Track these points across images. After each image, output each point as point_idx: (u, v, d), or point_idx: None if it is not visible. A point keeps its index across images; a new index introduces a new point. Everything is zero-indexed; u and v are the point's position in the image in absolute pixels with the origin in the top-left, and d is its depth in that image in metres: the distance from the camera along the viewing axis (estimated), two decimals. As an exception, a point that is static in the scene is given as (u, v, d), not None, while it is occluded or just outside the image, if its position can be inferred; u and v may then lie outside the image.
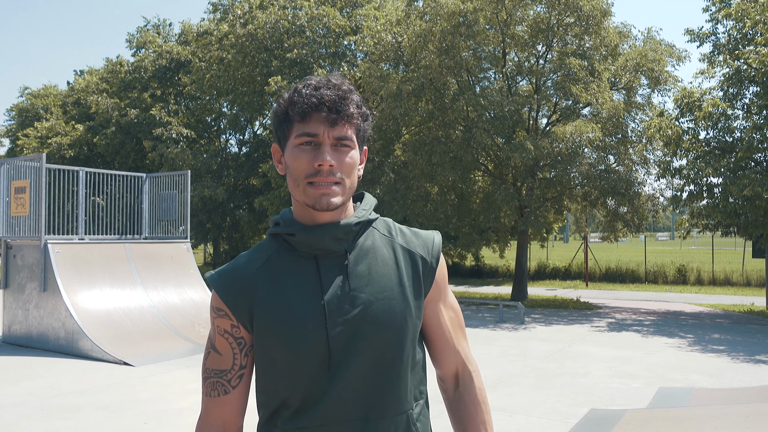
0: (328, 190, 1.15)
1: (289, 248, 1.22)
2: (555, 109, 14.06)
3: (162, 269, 9.38)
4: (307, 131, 1.16)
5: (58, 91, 28.92)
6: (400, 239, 1.28)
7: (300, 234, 1.19)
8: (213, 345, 1.23)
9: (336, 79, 1.20)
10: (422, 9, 14.05)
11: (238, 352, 1.21)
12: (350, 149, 1.19)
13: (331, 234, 1.19)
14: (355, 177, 1.22)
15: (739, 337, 9.45)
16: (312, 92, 1.16)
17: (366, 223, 1.26)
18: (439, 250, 1.30)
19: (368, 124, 1.25)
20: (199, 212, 17.66)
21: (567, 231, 61.91)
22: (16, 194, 8.74)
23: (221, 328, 1.21)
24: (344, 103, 1.17)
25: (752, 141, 10.59)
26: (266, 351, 1.18)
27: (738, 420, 4.04)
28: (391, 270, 1.22)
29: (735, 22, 11.74)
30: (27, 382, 6.36)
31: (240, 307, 1.19)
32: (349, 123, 1.18)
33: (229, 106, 20.16)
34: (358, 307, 1.17)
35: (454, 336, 1.32)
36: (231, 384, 1.22)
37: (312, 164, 1.15)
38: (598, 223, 15.58)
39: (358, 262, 1.21)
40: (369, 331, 1.17)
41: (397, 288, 1.21)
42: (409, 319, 1.21)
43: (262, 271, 1.21)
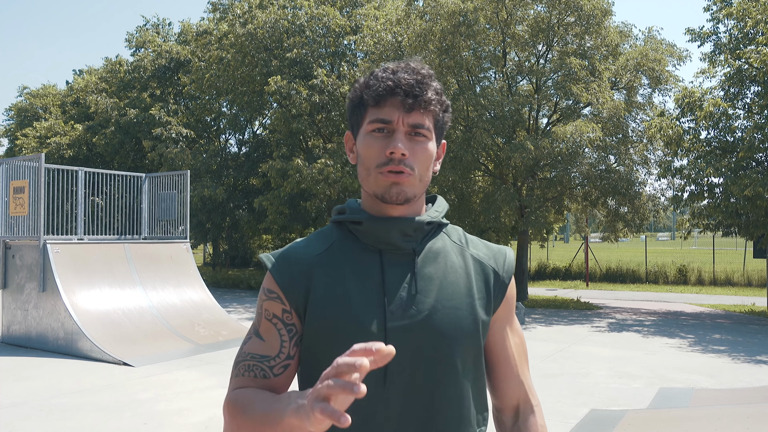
0: (399, 179, 1.07)
1: (352, 238, 1.13)
2: (555, 109, 14.04)
3: (161, 269, 9.36)
4: (381, 117, 1.08)
5: (57, 91, 28.89)
6: (472, 249, 1.19)
7: (367, 223, 1.11)
8: (256, 330, 1.12)
9: (415, 64, 1.12)
10: (422, 8, 14.03)
11: (287, 340, 1.10)
12: (426, 140, 1.10)
13: (400, 228, 1.10)
14: (430, 172, 1.13)
15: (740, 338, 9.43)
16: (388, 75, 1.08)
17: (437, 225, 1.17)
18: (512, 267, 1.20)
19: (448, 115, 1.16)
20: (199, 212, 17.64)
21: (567, 231, 61.91)
22: (14, 194, 8.72)
23: (270, 312, 1.11)
24: (422, 88, 1.08)
25: (753, 141, 10.57)
26: (313, 345, 1.09)
27: (739, 420, 4.02)
28: (461, 278, 1.13)
29: (736, 21, 11.72)
30: (26, 383, 6.34)
31: (295, 291, 1.09)
32: (426, 110, 1.09)
33: (229, 105, 20.14)
34: (422, 312, 1.07)
35: (519, 365, 1.20)
36: (273, 371, 1.09)
37: (383, 152, 1.07)
38: (599, 223, 15.57)
39: (426, 264, 1.12)
40: (432, 340, 1.06)
41: (465, 298, 1.11)
42: (475, 335, 1.10)
43: (322, 257, 1.12)
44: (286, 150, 17.09)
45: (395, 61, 1.13)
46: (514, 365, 1.19)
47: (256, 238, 23.56)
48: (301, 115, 16.28)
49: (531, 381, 1.22)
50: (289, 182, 14.57)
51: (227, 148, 21.54)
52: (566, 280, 21.12)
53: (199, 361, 7.39)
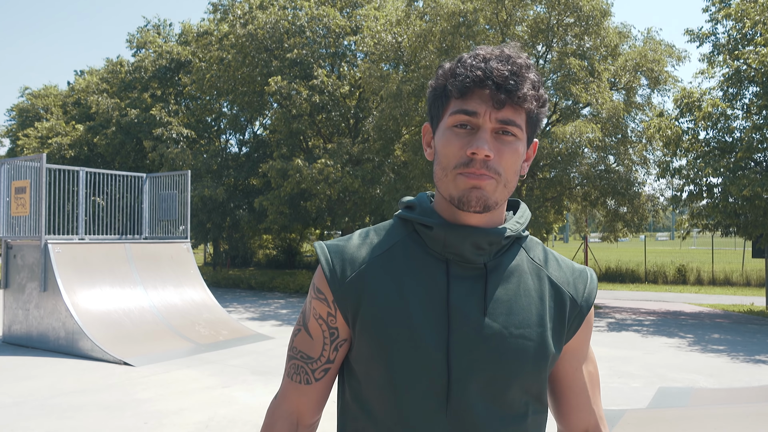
0: (480, 182, 0.93)
1: (418, 241, 1.01)
2: (555, 109, 14.07)
3: (162, 269, 9.39)
4: (465, 108, 0.94)
5: (58, 92, 28.92)
6: (551, 270, 1.05)
7: (438, 229, 0.98)
8: (305, 324, 1.06)
9: (511, 50, 0.97)
10: (422, 9, 14.06)
11: (329, 344, 1.03)
12: (516, 140, 0.96)
13: (473, 239, 0.97)
14: (516, 177, 0.99)
15: (739, 337, 9.45)
16: (478, 63, 0.94)
17: (515, 239, 1.04)
18: (593, 294, 1.06)
19: (544, 111, 1.01)
20: (199, 212, 17.66)
21: (567, 231, 61.91)
22: (16, 194, 8.75)
23: (317, 311, 1.03)
24: (518, 81, 0.93)
25: (752, 141, 10.60)
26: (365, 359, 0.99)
27: (738, 420, 4.04)
28: (534, 304, 1.00)
29: (735, 22, 11.75)
30: (27, 382, 6.37)
31: (346, 295, 0.99)
32: (519, 106, 0.95)
33: (229, 106, 20.16)
34: (488, 337, 0.95)
35: (592, 394, 1.10)
36: (314, 375, 1.04)
37: (464, 150, 0.94)
38: (598, 223, 15.59)
39: (498, 283, 0.99)
40: (494, 368, 0.96)
41: (536, 327, 0.99)
42: (542, 368, 1.00)
43: (381, 259, 1.00)
44: (287, 150, 17.11)
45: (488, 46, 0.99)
46: (586, 395, 1.09)
47: (257, 238, 23.56)
48: (301, 115, 16.30)
49: (602, 410, 1.13)
50: (289, 182, 14.59)
51: (228, 149, 21.56)
52: (566, 280, 21.12)
53: (199, 361, 7.42)
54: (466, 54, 0.98)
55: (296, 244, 25.13)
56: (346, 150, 15.12)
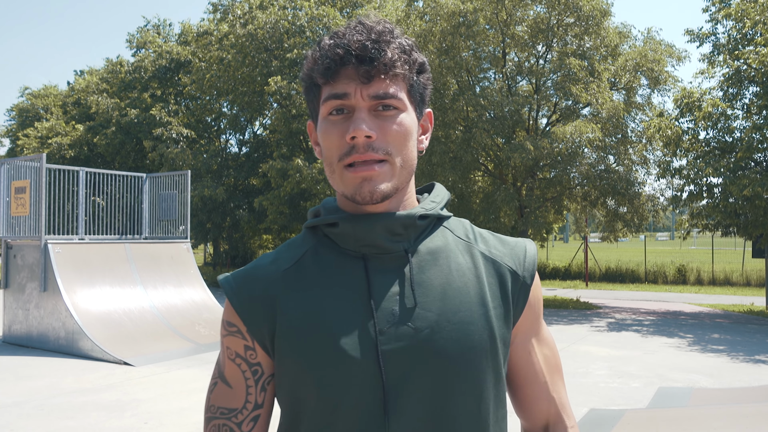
0: (369, 171, 0.83)
1: (329, 245, 0.91)
2: (555, 110, 14.07)
3: (162, 269, 9.39)
4: (334, 92, 0.84)
5: (58, 91, 28.94)
6: (481, 245, 0.94)
7: (344, 224, 0.88)
8: (221, 373, 0.92)
9: (371, 20, 0.87)
10: (422, 9, 14.06)
11: (253, 385, 0.90)
12: (399, 111, 0.86)
13: (385, 225, 0.87)
14: (412, 152, 0.89)
15: (739, 337, 9.45)
16: (336, 42, 0.85)
17: (435, 219, 0.93)
18: (534, 264, 0.95)
19: (426, 76, 0.92)
20: (199, 212, 17.67)
21: (567, 231, 61.93)
22: (16, 194, 8.75)
23: (232, 350, 0.90)
24: (380, 47, 0.84)
25: (752, 141, 10.60)
26: (290, 384, 0.87)
27: (738, 420, 4.04)
28: (470, 283, 0.89)
29: (735, 22, 11.75)
30: (27, 382, 6.37)
31: (258, 321, 0.88)
32: (391, 75, 0.85)
33: (229, 106, 20.17)
34: (422, 330, 0.84)
35: (550, 381, 0.98)
36: (242, 428, 0.90)
37: (343, 138, 0.84)
38: (598, 223, 15.59)
39: (424, 268, 0.88)
40: (436, 366, 0.84)
41: (477, 308, 0.88)
42: (490, 354, 0.87)
43: (291, 273, 0.90)
44: (287, 150, 17.12)
45: (348, 22, 0.89)
46: (543, 382, 0.97)
47: (257, 238, 23.57)
48: (301, 115, 16.31)
49: (566, 398, 1.00)
50: (289, 182, 14.60)
51: (228, 148, 21.57)
52: (566, 280, 21.15)
53: (199, 361, 7.42)
54: (326, 36, 0.89)
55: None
56: (346, 150, 15.11)
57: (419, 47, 0.91)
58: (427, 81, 0.92)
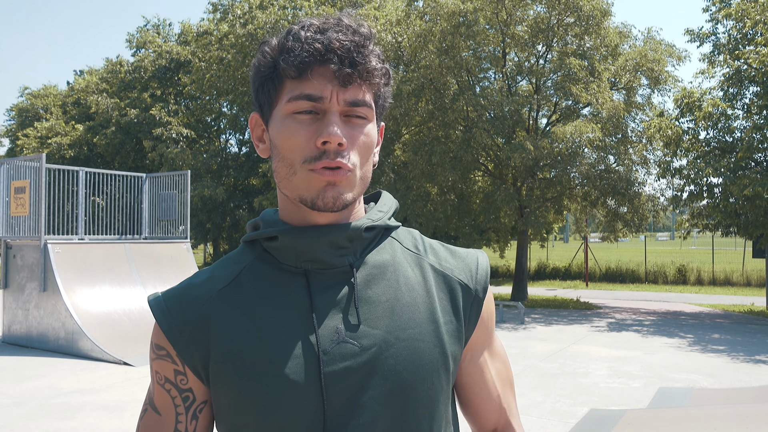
0: (337, 177, 0.78)
1: (269, 260, 0.84)
2: (555, 109, 14.06)
3: (162, 269, 9.38)
4: (308, 92, 0.78)
5: (58, 91, 28.95)
6: (431, 258, 0.89)
7: (284, 237, 0.81)
8: (151, 400, 0.87)
9: (350, 19, 0.82)
10: (422, 9, 14.06)
11: (183, 412, 0.83)
12: (366, 121, 0.82)
13: (328, 238, 0.81)
14: (371, 164, 0.84)
15: (739, 337, 9.45)
16: (315, 35, 0.79)
17: (383, 230, 0.88)
18: (486, 276, 0.91)
19: (389, 90, 0.87)
20: (199, 212, 17.67)
21: (567, 231, 61.94)
22: (15, 194, 8.74)
23: (161, 374, 0.84)
24: (364, 53, 0.79)
25: (752, 141, 10.60)
26: (228, 413, 0.80)
27: (738, 420, 4.04)
28: (420, 298, 0.84)
29: (735, 22, 11.75)
30: (27, 382, 6.36)
31: (190, 344, 0.81)
32: (368, 83, 0.81)
33: (229, 106, 20.18)
34: (369, 349, 0.79)
35: (502, 394, 0.94)
36: None
37: (312, 141, 0.78)
38: (598, 223, 15.59)
39: (370, 283, 0.83)
40: (384, 386, 0.79)
41: (427, 324, 0.83)
42: (442, 372, 0.83)
43: (227, 292, 0.83)
44: (287, 150, 17.11)
45: (320, 16, 0.85)
46: (496, 396, 0.93)
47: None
48: (301, 115, 16.30)
49: (516, 408, 0.97)
50: (289, 182, 14.59)
51: (227, 148, 21.58)
52: (566, 280, 21.15)
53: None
54: (296, 25, 0.82)
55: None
56: (346, 150, 15.12)
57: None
58: (389, 94, 0.88)
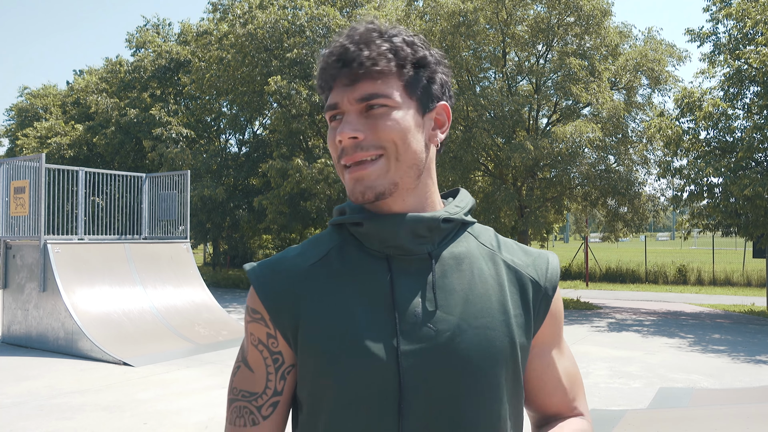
0: (359, 172, 0.85)
1: (355, 243, 0.91)
2: (555, 109, 14.05)
3: (162, 269, 9.37)
4: (329, 102, 0.87)
5: (57, 91, 28.92)
6: (505, 254, 0.94)
7: (368, 223, 0.89)
8: (244, 358, 0.94)
9: (360, 24, 0.88)
10: (422, 9, 14.05)
11: (273, 372, 0.90)
12: (390, 109, 0.85)
13: (410, 227, 0.87)
14: (414, 147, 0.87)
15: (740, 338, 9.44)
16: (328, 50, 0.87)
17: (460, 224, 0.94)
18: (557, 276, 0.95)
19: (432, 71, 0.90)
20: (199, 212, 17.65)
21: (567, 231, 61.93)
22: (15, 194, 8.73)
23: (255, 336, 0.91)
24: (361, 49, 0.84)
25: (753, 141, 10.58)
26: (311, 378, 0.87)
27: (739, 420, 4.03)
28: (492, 290, 0.90)
29: (735, 21, 11.74)
30: (27, 382, 6.35)
31: (282, 310, 0.89)
32: (374, 74, 0.85)
33: (229, 106, 20.16)
34: (443, 333, 0.85)
35: (569, 388, 0.97)
36: (261, 413, 0.90)
37: (336, 143, 0.87)
38: (599, 223, 15.58)
39: (446, 272, 0.89)
40: (456, 367, 0.84)
41: (498, 315, 0.88)
42: (510, 360, 0.88)
43: (317, 267, 0.90)
44: (286, 150, 17.10)
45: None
46: (561, 392, 0.96)
47: (256, 238, 23.56)
48: (301, 115, 16.29)
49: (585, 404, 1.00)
50: (289, 182, 14.58)
51: (227, 148, 21.56)
52: (566, 280, 21.13)
53: (199, 361, 7.40)
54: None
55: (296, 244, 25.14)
56: (346, 150, 15.10)
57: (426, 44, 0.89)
58: (433, 74, 0.90)
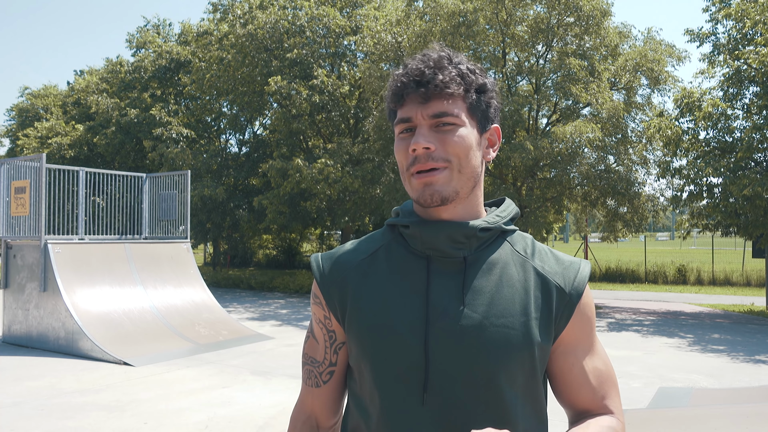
0: (429, 178, 0.98)
1: (402, 243, 1.06)
2: (555, 109, 14.06)
3: (162, 269, 9.38)
4: (402, 116, 1.01)
5: (58, 91, 28.92)
6: (536, 261, 1.05)
7: (414, 227, 1.03)
8: (312, 330, 1.14)
9: (434, 51, 1.03)
10: (422, 9, 14.05)
11: (329, 347, 1.09)
12: (457, 126, 1.00)
13: (448, 233, 1.01)
14: (473, 161, 1.01)
15: (739, 337, 9.45)
16: (403, 72, 1.02)
17: (498, 232, 1.06)
18: (584, 283, 1.05)
19: (490, 96, 1.05)
20: (199, 212, 17.65)
21: (567, 231, 61.92)
22: (16, 194, 8.74)
23: (316, 316, 1.11)
24: (435, 72, 0.99)
25: (752, 141, 10.59)
26: (356, 353, 1.04)
27: (738, 420, 4.03)
28: (518, 294, 1.01)
29: (735, 22, 11.74)
30: (27, 382, 6.36)
31: (334, 296, 1.06)
32: (446, 96, 0.99)
33: (229, 106, 20.15)
34: (468, 327, 0.97)
35: (598, 388, 1.05)
36: (322, 378, 1.10)
37: (408, 152, 1.00)
38: (598, 223, 15.58)
39: (478, 275, 1.01)
40: (475, 358, 0.97)
41: (519, 317, 0.99)
42: (527, 357, 0.99)
43: (367, 262, 1.06)
44: (286, 150, 17.11)
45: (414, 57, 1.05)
46: (593, 388, 1.05)
47: (257, 238, 23.55)
48: (301, 115, 16.30)
49: (618, 400, 1.08)
50: (289, 182, 14.58)
51: (227, 148, 21.56)
52: (566, 280, 21.11)
53: (199, 361, 7.41)
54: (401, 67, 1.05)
55: (296, 244, 25.12)
56: (346, 150, 15.11)
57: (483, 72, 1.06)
58: (490, 99, 1.05)
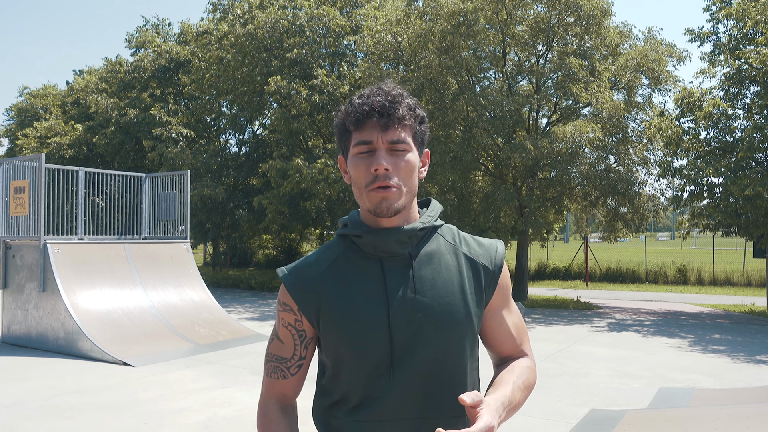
0: (387, 194, 1.20)
1: (355, 249, 1.28)
2: (555, 109, 14.05)
3: (162, 269, 9.37)
4: (362, 139, 1.21)
5: (57, 91, 28.90)
6: (464, 248, 1.32)
7: (366, 236, 1.25)
8: (277, 334, 1.32)
9: (387, 86, 1.25)
10: (422, 9, 14.03)
11: (299, 344, 1.30)
12: (406, 152, 1.23)
13: (395, 238, 1.24)
14: (415, 180, 1.25)
15: (740, 338, 9.44)
16: (364, 101, 1.22)
17: (431, 229, 1.31)
18: (502, 259, 1.34)
19: (425, 126, 1.30)
20: (199, 212, 17.63)
21: (567, 231, 61.90)
22: (15, 194, 8.72)
23: (285, 320, 1.30)
24: (394, 107, 1.21)
25: (753, 141, 10.58)
26: (331, 346, 1.26)
27: (739, 420, 4.02)
28: (454, 277, 1.27)
29: (736, 21, 11.73)
30: (26, 382, 6.35)
31: (307, 303, 1.26)
32: (401, 126, 1.22)
33: (229, 105, 20.14)
34: (420, 310, 1.22)
35: (517, 337, 1.37)
36: (290, 371, 1.31)
37: (369, 171, 1.20)
38: (599, 223, 15.57)
39: (422, 266, 1.26)
40: (430, 333, 1.22)
41: (458, 294, 1.26)
42: (468, 326, 1.26)
43: (329, 270, 1.28)
44: (286, 150, 17.09)
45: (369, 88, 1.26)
46: (511, 338, 1.36)
47: (256, 238, 23.54)
48: (301, 115, 16.29)
49: (529, 345, 1.41)
50: (289, 182, 14.57)
51: (227, 148, 21.54)
52: (566, 280, 21.12)
53: (199, 361, 7.40)
54: (355, 96, 1.25)
55: (296, 244, 25.10)
56: (346, 150, 15.08)
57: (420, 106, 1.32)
58: (426, 129, 1.30)
